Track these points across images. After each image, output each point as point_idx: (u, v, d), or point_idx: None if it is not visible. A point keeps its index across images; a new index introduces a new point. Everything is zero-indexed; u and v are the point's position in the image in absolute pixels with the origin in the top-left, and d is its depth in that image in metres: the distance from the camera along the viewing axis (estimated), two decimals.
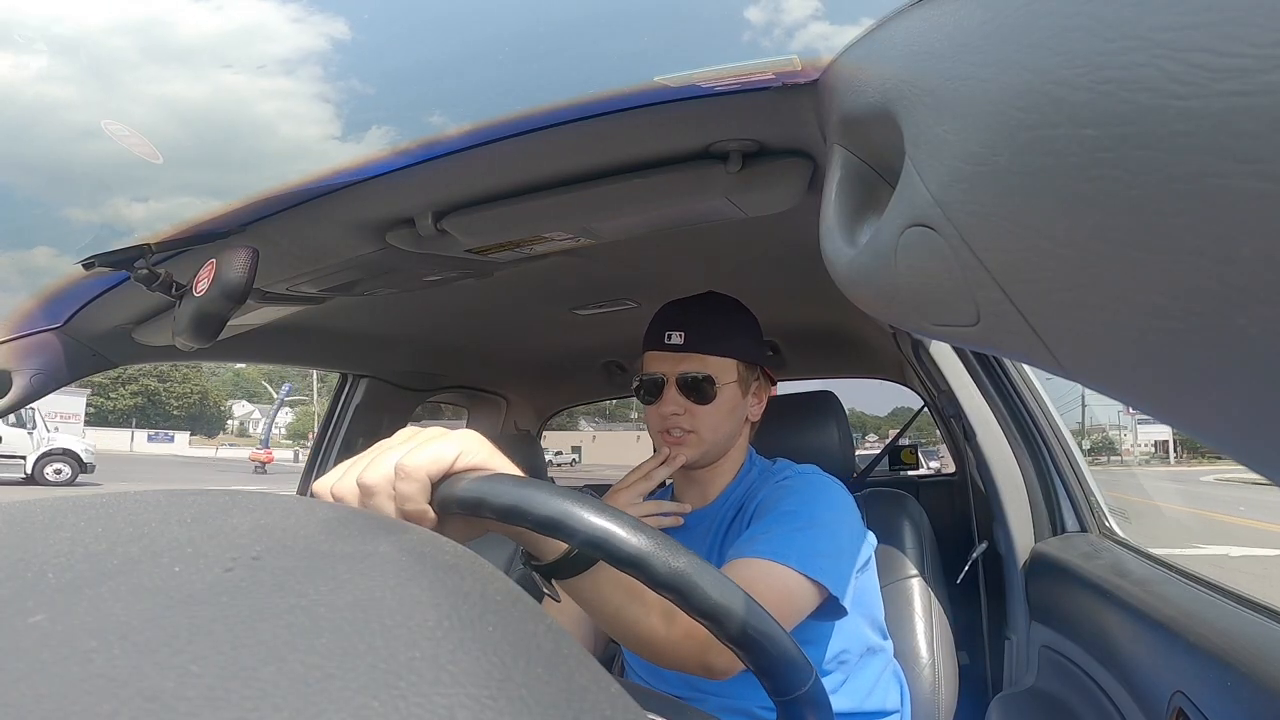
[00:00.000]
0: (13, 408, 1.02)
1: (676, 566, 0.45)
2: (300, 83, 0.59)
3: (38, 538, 0.22)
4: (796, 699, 0.49)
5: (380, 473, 0.50)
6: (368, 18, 0.57)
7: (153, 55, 0.59)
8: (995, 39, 0.24)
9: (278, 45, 0.57)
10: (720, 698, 0.90)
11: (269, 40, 0.57)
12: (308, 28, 0.56)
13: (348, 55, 0.58)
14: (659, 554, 0.45)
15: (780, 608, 0.78)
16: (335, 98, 0.62)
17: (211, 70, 0.60)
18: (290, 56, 0.57)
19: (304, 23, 0.56)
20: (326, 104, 0.62)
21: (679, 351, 0.99)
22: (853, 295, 0.41)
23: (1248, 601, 0.73)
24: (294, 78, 0.59)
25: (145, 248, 0.78)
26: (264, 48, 0.57)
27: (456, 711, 0.16)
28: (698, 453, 0.99)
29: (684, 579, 0.45)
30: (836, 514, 0.91)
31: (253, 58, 0.58)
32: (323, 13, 0.56)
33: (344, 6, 0.57)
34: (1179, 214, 0.17)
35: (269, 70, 0.59)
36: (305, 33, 0.56)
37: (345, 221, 0.86)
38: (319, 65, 0.58)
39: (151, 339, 1.10)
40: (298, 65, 0.58)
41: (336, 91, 0.61)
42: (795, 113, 0.62)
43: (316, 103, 0.61)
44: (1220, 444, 0.20)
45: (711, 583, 0.45)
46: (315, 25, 0.56)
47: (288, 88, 0.60)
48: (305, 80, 0.59)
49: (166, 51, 0.59)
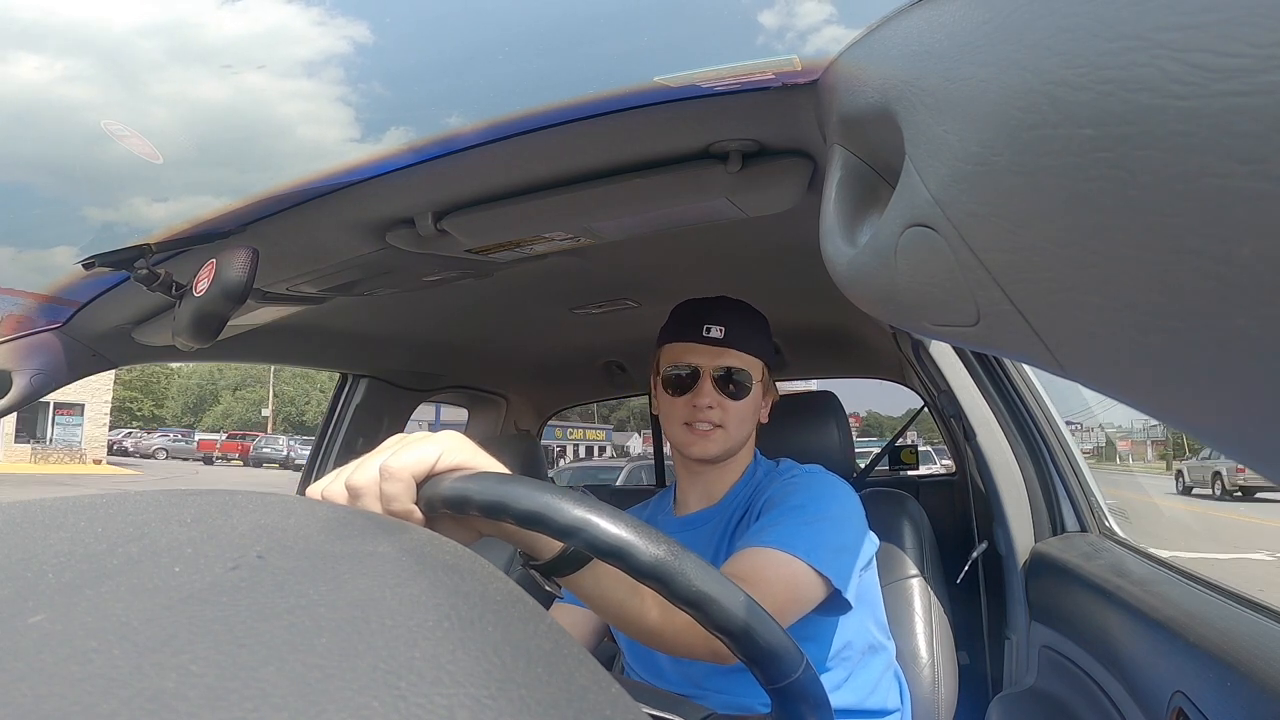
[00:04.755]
0: (13, 408, 1.02)
1: (657, 554, 0.44)
2: (322, 85, 0.60)
3: (38, 538, 0.22)
4: (787, 686, 0.48)
5: (367, 475, 0.51)
6: (380, 19, 0.58)
7: (178, 56, 0.59)
8: (995, 39, 0.24)
9: (302, 48, 0.57)
10: (722, 695, 0.90)
11: (293, 43, 0.57)
12: (329, 30, 0.56)
13: (365, 57, 0.58)
14: (639, 543, 0.45)
15: (786, 596, 0.78)
16: (355, 100, 0.63)
17: (235, 71, 0.61)
18: (313, 59, 0.58)
19: (326, 25, 0.56)
20: (347, 106, 0.63)
21: (719, 345, 0.99)
22: (853, 295, 0.41)
23: (1248, 601, 0.73)
24: (316, 80, 0.59)
25: (145, 248, 0.78)
26: (288, 50, 0.58)
27: (456, 711, 0.16)
28: (722, 448, 1.00)
29: (665, 567, 0.44)
30: (845, 511, 0.91)
31: (276, 60, 0.59)
32: (342, 16, 0.56)
33: (359, 9, 0.57)
34: (1179, 214, 0.17)
35: (292, 73, 0.59)
36: (327, 35, 0.56)
37: (345, 221, 0.86)
38: (340, 68, 0.58)
39: (151, 339, 1.10)
40: (320, 68, 0.58)
41: (356, 94, 0.62)
42: (795, 113, 0.62)
43: (337, 105, 0.62)
44: (1220, 444, 0.20)
45: (693, 570, 0.45)
46: (337, 28, 0.56)
47: (308, 89, 0.60)
48: (327, 83, 0.60)
49: (191, 53, 0.59)
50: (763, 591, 0.75)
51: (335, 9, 0.57)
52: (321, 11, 0.57)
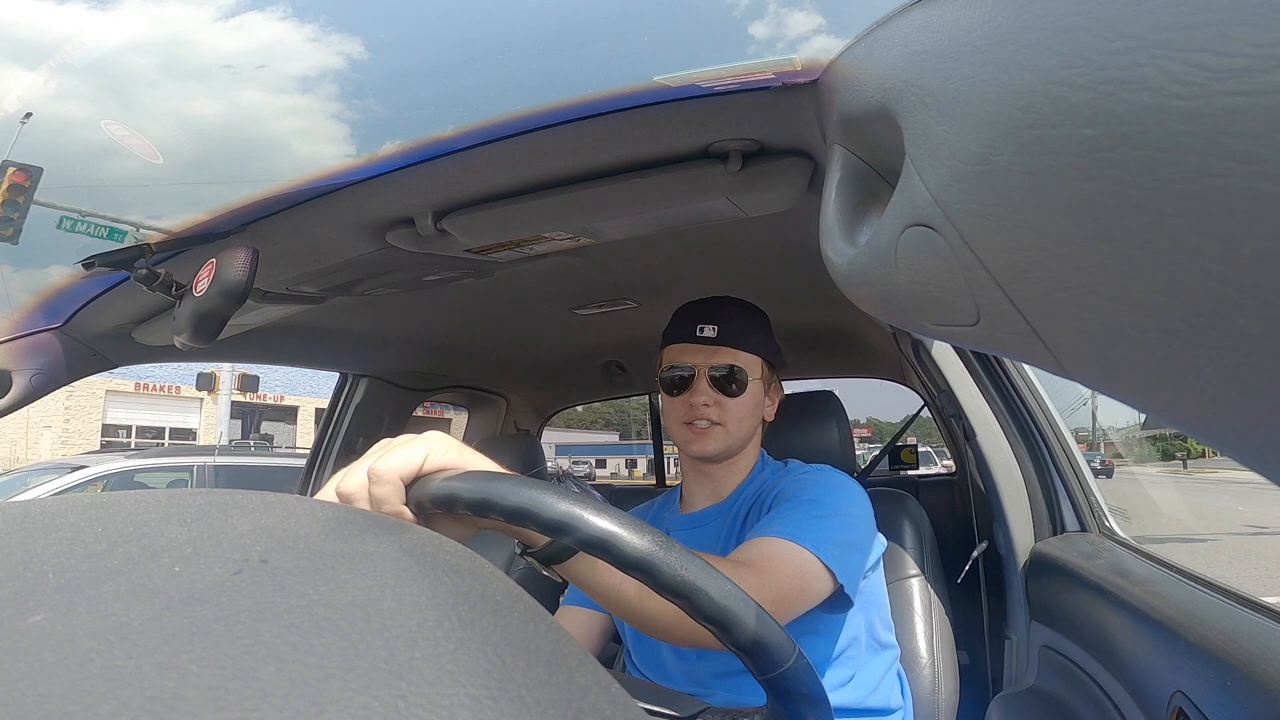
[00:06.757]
0: (13, 407, 1.02)
1: (641, 545, 0.44)
2: (317, 100, 0.60)
3: (38, 538, 0.22)
4: (779, 677, 0.48)
5: (356, 480, 0.52)
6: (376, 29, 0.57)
7: (172, 73, 0.59)
8: (995, 39, 0.24)
9: (296, 63, 0.57)
10: (728, 695, 0.91)
11: (288, 58, 0.57)
12: (324, 46, 0.56)
13: (360, 72, 0.58)
14: (624, 534, 0.44)
15: (793, 585, 0.78)
16: (350, 116, 0.63)
17: (230, 87, 0.61)
18: (308, 74, 0.58)
19: (320, 41, 0.56)
20: (342, 123, 0.63)
21: (712, 344, 1.00)
22: (853, 295, 0.41)
23: (1248, 601, 0.73)
24: (311, 95, 0.59)
25: (145, 248, 0.78)
26: (282, 65, 0.58)
27: (456, 711, 0.16)
28: (721, 446, 1.00)
29: (650, 558, 0.44)
30: (855, 509, 0.92)
31: (271, 75, 0.59)
32: (337, 31, 0.56)
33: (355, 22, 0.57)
34: (1179, 214, 0.17)
35: (287, 89, 0.59)
36: (322, 51, 0.56)
37: (345, 221, 0.86)
38: (335, 83, 0.58)
39: (151, 339, 1.10)
40: (315, 83, 0.58)
41: (351, 110, 0.62)
42: (795, 112, 0.62)
43: (332, 121, 0.62)
44: (1220, 444, 0.20)
45: (678, 560, 0.45)
46: (332, 43, 0.56)
47: (303, 104, 0.60)
48: (322, 99, 0.59)
49: (185, 69, 0.59)
50: (769, 579, 0.75)
51: (330, 24, 0.56)
52: (316, 28, 0.57)
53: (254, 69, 0.58)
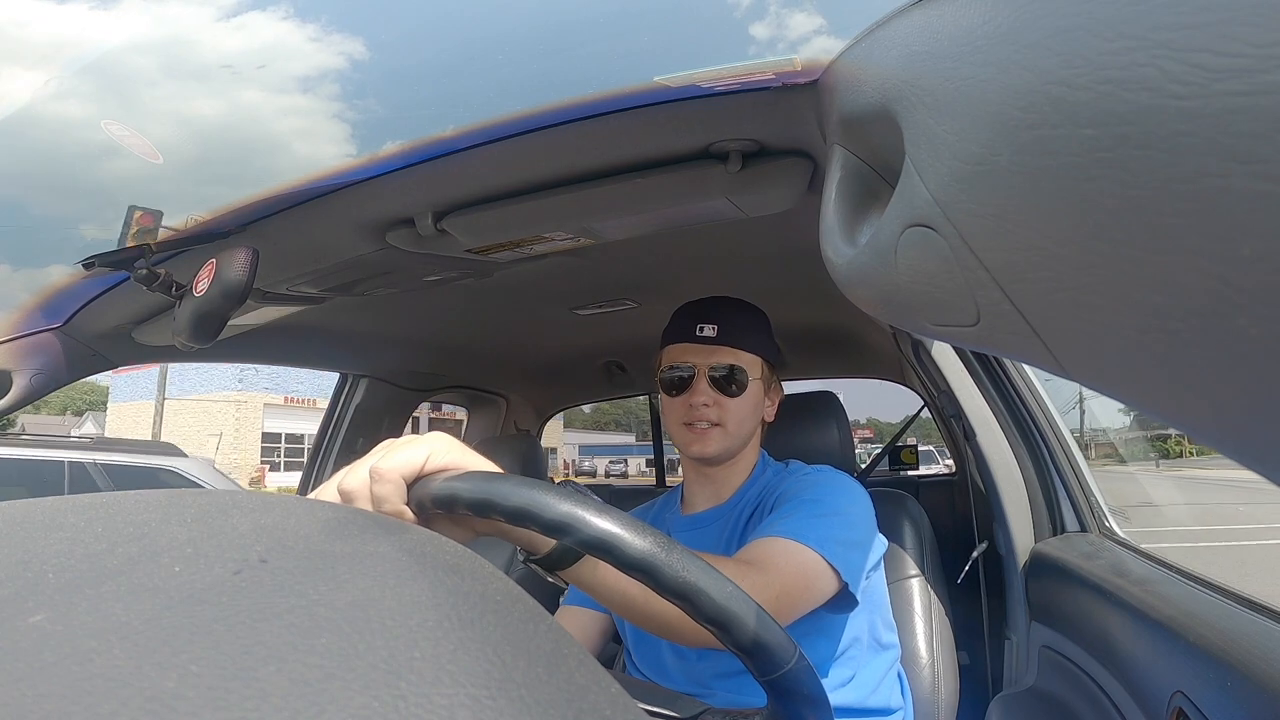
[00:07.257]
0: (13, 407, 1.02)
1: (643, 546, 0.44)
2: (318, 100, 0.59)
3: (38, 538, 0.22)
4: (780, 678, 0.48)
5: (358, 479, 0.52)
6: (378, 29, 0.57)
7: (173, 73, 0.59)
8: (995, 39, 0.24)
9: (297, 63, 0.57)
10: (725, 695, 0.91)
11: (289, 58, 0.57)
12: (325, 46, 0.56)
13: (361, 72, 0.58)
14: (625, 535, 0.44)
15: (797, 584, 0.78)
16: (351, 116, 0.63)
17: (231, 87, 0.61)
18: (308, 74, 0.58)
19: (322, 41, 0.56)
20: (343, 122, 0.63)
21: (711, 344, 1.00)
22: (853, 295, 0.41)
23: (1248, 601, 0.73)
24: (312, 95, 0.59)
25: (145, 248, 0.78)
26: (283, 65, 0.58)
27: (456, 711, 0.16)
28: (721, 447, 1.00)
29: (651, 559, 0.44)
30: (857, 509, 0.92)
31: (271, 75, 0.59)
32: (338, 31, 0.56)
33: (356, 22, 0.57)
34: (1179, 214, 0.17)
35: (287, 89, 0.59)
36: (323, 51, 0.56)
37: (345, 221, 0.86)
38: (336, 83, 0.58)
39: (151, 339, 1.10)
40: (316, 83, 0.58)
41: (352, 110, 0.62)
42: (795, 113, 0.62)
43: (333, 121, 0.62)
44: (1219, 444, 0.20)
45: (680, 562, 0.45)
46: (333, 43, 0.56)
47: (304, 104, 0.60)
48: (323, 99, 0.59)
49: (186, 69, 0.59)
50: (772, 577, 0.75)
51: (331, 24, 0.56)
52: (317, 28, 0.56)
53: (254, 69, 0.58)
